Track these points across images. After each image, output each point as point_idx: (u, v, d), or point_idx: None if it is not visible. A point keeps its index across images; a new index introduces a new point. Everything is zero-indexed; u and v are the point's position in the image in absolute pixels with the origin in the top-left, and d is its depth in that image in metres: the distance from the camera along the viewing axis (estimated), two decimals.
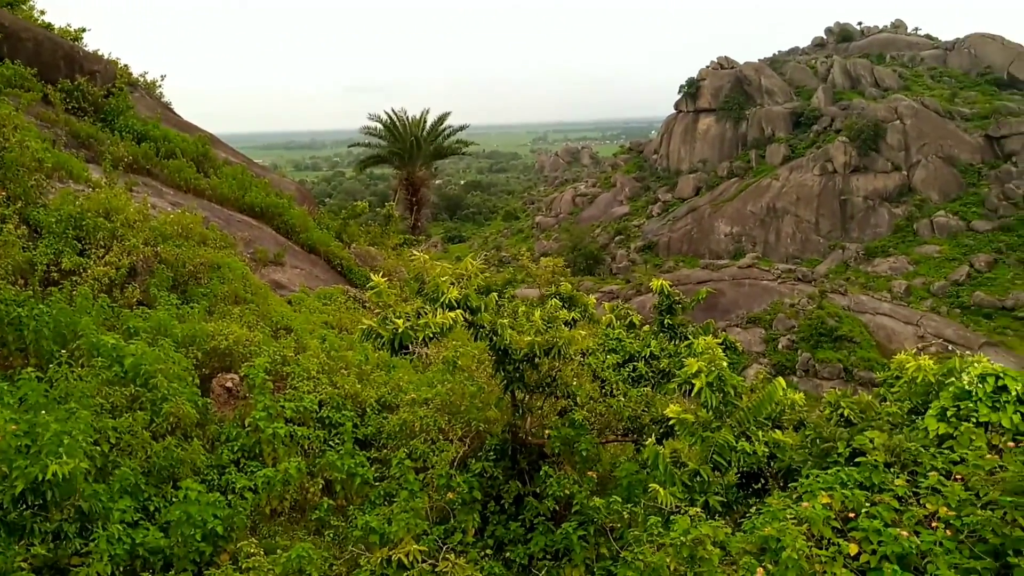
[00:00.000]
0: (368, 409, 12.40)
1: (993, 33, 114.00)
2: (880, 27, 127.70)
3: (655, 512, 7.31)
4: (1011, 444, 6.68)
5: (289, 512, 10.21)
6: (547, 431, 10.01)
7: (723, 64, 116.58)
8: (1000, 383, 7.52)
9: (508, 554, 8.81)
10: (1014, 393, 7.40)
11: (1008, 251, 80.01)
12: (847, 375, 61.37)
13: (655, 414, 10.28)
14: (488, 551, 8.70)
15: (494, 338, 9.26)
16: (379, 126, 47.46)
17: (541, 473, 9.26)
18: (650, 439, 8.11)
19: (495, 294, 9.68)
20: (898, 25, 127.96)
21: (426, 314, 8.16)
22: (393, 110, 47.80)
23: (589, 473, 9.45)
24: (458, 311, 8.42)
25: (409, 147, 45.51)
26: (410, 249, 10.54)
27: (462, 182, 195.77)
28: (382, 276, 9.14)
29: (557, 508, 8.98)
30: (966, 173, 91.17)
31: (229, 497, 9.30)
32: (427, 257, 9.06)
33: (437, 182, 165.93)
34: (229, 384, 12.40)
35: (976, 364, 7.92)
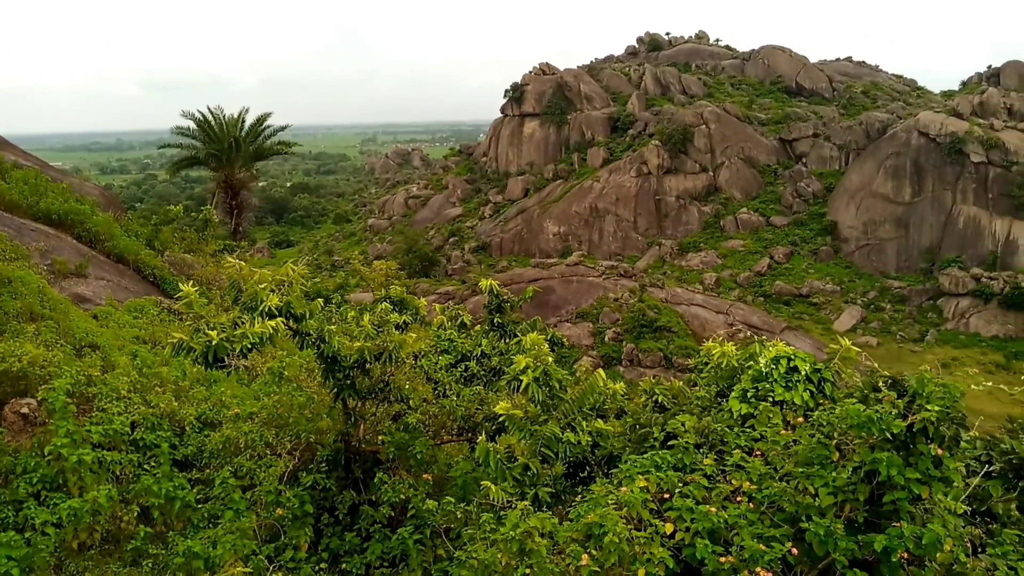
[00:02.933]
0: (187, 428, 11.64)
1: (783, 45, 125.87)
2: (686, 38, 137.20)
3: (488, 509, 7.42)
4: (800, 420, 7.41)
5: (100, 545, 9.38)
6: (381, 437, 9.90)
7: (545, 70, 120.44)
8: (792, 364, 8.32)
9: (344, 565, 8.62)
10: (803, 373, 8.21)
11: (802, 243, 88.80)
12: (667, 363, 65.38)
13: (488, 412, 10.44)
14: (323, 565, 8.46)
15: (322, 345, 9.02)
16: (192, 126, 44.67)
17: (376, 480, 9.14)
18: (481, 437, 8.22)
19: (320, 300, 9.42)
20: (701, 36, 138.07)
21: (243, 324, 7.79)
22: (209, 109, 45.20)
23: (424, 476, 9.44)
24: (279, 319, 8.11)
25: (227, 148, 43.17)
26: (228, 256, 9.96)
27: (288, 184, 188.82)
28: (200, 285, 8.62)
29: (393, 514, 8.89)
30: (764, 173, 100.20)
31: (28, 535, 8.41)
32: (243, 264, 8.64)
33: (261, 184, 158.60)
34: (24, 410, 11.21)
35: (771, 348, 8.70)
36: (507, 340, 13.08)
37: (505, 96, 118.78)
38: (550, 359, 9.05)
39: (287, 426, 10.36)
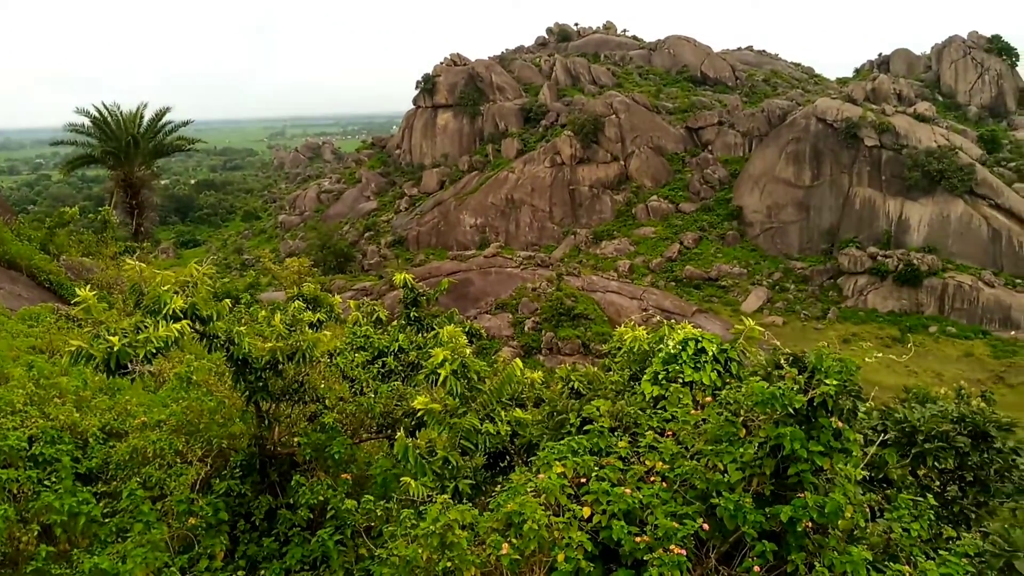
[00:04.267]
0: (91, 439, 11.09)
1: (687, 36, 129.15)
2: (594, 28, 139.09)
3: (408, 505, 7.39)
4: (708, 399, 7.67)
5: None
6: (297, 439, 9.70)
7: (456, 61, 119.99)
8: (699, 346, 8.60)
9: (263, 572, 8.43)
10: (711, 354, 8.50)
11: (710, 228, 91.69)
12: (585, 349, 66.54)
13: (406, 407, 10.37)
14: (240, 573, 8.25)
15: (231, 348, 8.76)
16: (87, 123, 42.46)
17: (293, 483, 8.96)
18: (400, 433, 8.17)
19: (228, 300, 9.14)
20: (609, 27, 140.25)
21: (147, 328, 7.48)
22: (105, 105, 43.03)
23: (343, 475, 9.31)
24: (184, 322, 7.83)
25: (125, 145, 41.22)
26: (128, 258, 9.52)
27: (193, 181, 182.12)
28: (99, 289, 8.23)
29: (312, 516, 8.74)
30: (672, 161, 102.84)
31: None
32: (143, 265, 8.29)
33: (163, 182, 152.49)
34: None
35: (680, 331, 8.96)
36: (424, 334, 13.02)
37: (417, 87, 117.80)
38: (468, 351, 9.06)
39: (198, 433, 10.02)
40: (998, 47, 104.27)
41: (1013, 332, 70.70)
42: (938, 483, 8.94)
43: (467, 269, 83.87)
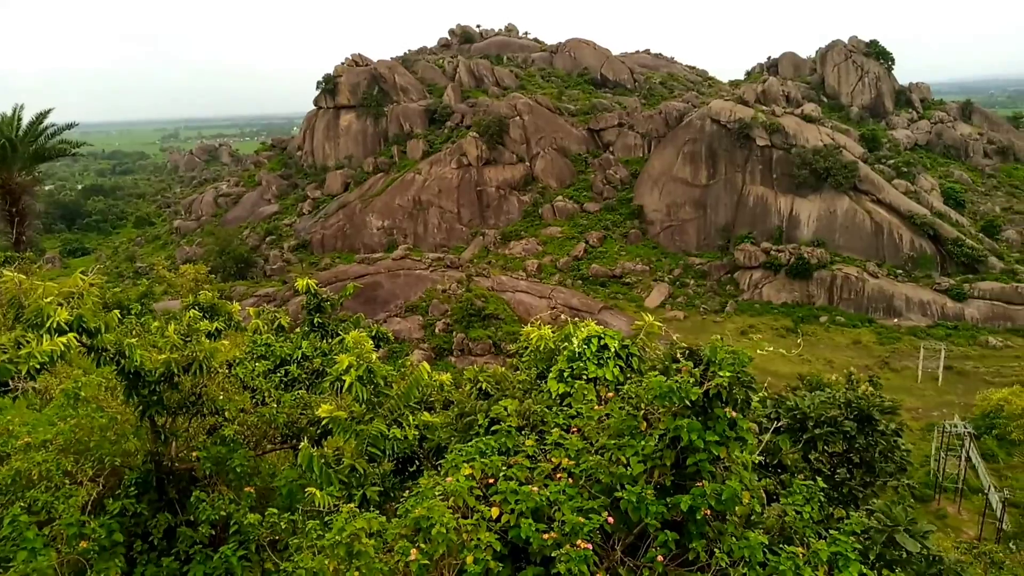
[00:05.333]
0: None
1: (587, 39, 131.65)
2: (496, 30, 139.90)
3: (315, 516, 7.24)
4: (611, 395, 7.85)
5: None
6: (196, 453, 9.34)
7: (358, 61, 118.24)
8: (602, 342, 8.79)
9: None
10: (613, 350, 8.70)
11: (613, 227, 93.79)
12: (496, 349, 66.82)
13: (311, 416, 10.15)
14: None
15: (122, 361, 8.36)
16: None
17: (193, 499, 8.62)
18: (304, 442, 7.99)
19: (117, 311, 8.72)
20: (511, 29, 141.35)
21: (28, 343, 7.05)
22: None
23: (247, 489, 9.02)
24: (71, 335, 7.42)
25: (1, 150, 38.67)
26: (8, 269, 8.89)
27: (80, 187, 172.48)
28: None
29: (215, 532, 8.44)
30: (576, 162, 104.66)
31: None
32: (22, 277, 7.81)
33: (47, 188, 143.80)
34: None
35: (584, 329, 9.13)
36: (329, 340, 12.78)
37: (318, 88, 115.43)
38: (374, 356, 8.95)
39: (88, 451, 9.50)
40: (876, 51, 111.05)
41: (896, 320, 75.42)
42: (828, 466, 9.46)
43: (375, 272, 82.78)
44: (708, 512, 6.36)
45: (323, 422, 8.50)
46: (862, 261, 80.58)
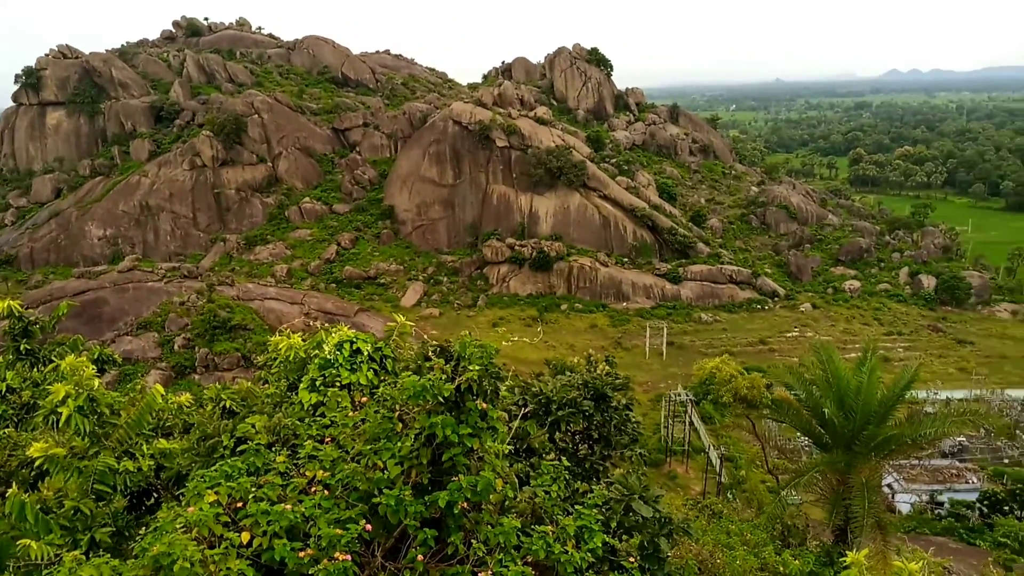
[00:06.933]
0: None
1: (326, 36, 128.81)
2: (227, 24, 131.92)
3: (32, 570, 6.33)
4: (366, 399, 7.74)
5: None
6: None
7: (66, 53, 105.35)
8: (355, 347, 8.64)
9: None
10: (366, 353, 8.59)
11: (365, 228, 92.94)
12: (246, 362, 63.25)
13: (22, 456, 8.85)
14: None
15: None
16: None
17: None
18: (12, 488, 6.93)
19: None
20: (243, 23, 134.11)
21: None
22: None
23: None
24: None
25: None
26: None
27: None
28: None
29: None
30: (322, 162, 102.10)
31: None
32: None
33: None
34: None
35: (336, 334, 8.91)
36: (41, 368, 11.21)
37: (16, 82, 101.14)
38: (96, 382, 8.01)
39: None
40: (596, 59, 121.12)
41: (625, 304, 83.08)
42: (572, 444, 10.14)
43: (98, 287, 74.42)
44: (465, 505, 6.50)
45: (36, 462, 7.44)
46: (594, 252, 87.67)
